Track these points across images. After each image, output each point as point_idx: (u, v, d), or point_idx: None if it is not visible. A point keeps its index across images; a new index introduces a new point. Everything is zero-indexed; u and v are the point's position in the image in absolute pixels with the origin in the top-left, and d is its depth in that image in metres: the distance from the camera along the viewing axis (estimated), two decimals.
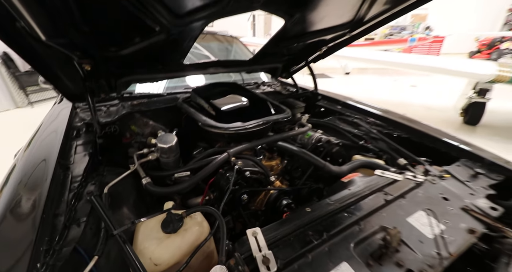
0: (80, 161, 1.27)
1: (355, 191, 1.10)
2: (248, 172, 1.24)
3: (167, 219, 0.93)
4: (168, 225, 0.91)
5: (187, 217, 0.95)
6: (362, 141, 1.71)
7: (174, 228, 0.89)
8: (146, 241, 0.87)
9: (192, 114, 1.63)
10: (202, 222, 0.95)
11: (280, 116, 1.60)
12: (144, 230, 0.92)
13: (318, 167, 1.36)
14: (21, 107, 6.78)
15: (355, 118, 2.02)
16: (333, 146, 1.62)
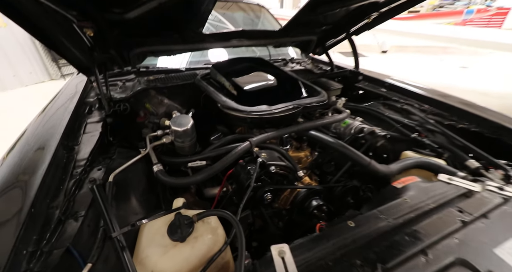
0: (88, 142, 1.14)
1: (415, 203, 0.84)
2: (273, 166, 1.03)
3: (175, 223, 0.76)
4: (175, 230, 0.74)
5: (198, 222, 0.78)
6: (415, 134, 1.38)
7: (182, 235, 0.73)
8: (149, 248, 0.72)
9: (211, 93, 1.41)
10: (216, 229, 0.78)
11: (314, 99, 1.32)
12: (148, 233, 0.77)
13: (360, 165, 1.10)
14: (54, 79, 7.09)
15: (405, 103, 1.66)
16: (378, 138, 1.32)
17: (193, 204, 1.24)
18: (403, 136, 1.44)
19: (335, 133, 1.53)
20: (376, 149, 1.32)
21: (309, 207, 1.14)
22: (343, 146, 1.15)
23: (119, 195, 0.94)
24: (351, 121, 1.55)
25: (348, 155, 1.11)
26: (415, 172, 1.18)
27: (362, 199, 1.48)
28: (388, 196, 0.94)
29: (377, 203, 0.93)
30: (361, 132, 1.36)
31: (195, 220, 0.76)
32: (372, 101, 1.86)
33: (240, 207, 0.86)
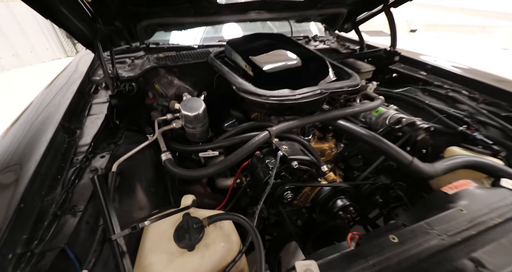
0: (91, 125, 1.04)
1: (474, 216, 0.68)
2: (295, 162, 0.89)
3: (183, 226, 0.66)
4: (183, 235, 0.64)
5: (209, 226, 0.66)
6: (463, 127, 1.17)
7: (191, 242, 0.62)
8: (153, 254, 0.62)
9: (225, 74, 1.25)
10: (230, 235, 0.67)
11: (345, 83, 1.13)
12: (153, 235, 0.67)
13: (399, 163, 0.93)
14: (70, 56, 7.10)
15: (451, 90, 1.41)
16: (419, 131, 1.13)
17: (204, 196, 1.14)
18: (448, 128, 1.23)
19: (364, 123, 1.34)
20: (415, 143, 1.13)
21: (334, 207, 1.01)
22: (378, 139, 0.97)
23: (124, 186, 0.84)
24: (384, 109, 1.34)
25: (385, 151, 0.94)
26: (462, 173, 0.99)
27: (391, 198, 1.32)
28: (436, 204, 0.78)
29: (423, 212, 0.78)
30: (398, 123, 1.17)
31: (205, 224, 0.65)
32: (409, 86, 1.62)
33: (257, 211, 0.74)
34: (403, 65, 1.81)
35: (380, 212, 1.32)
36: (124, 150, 0.98)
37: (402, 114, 1.28)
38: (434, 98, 1.46)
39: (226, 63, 1.46)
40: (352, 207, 1.03)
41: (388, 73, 1.80)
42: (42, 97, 1.18)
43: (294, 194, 0.94)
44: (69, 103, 1.03)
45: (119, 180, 0.84)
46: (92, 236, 0.65)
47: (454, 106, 1.34)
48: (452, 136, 1.22)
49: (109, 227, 0.63)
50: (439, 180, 1.03)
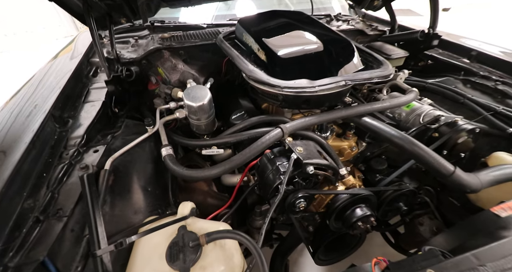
0: (86, 114, 0.95)
1: None
2: (312, 167, 0.76)
3: (177, 242, 0.57)
4: (177, 254, 0.55)
5: (207, 245, 0.57)
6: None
7: (185, 265, 0.53)
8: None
9: (234, 58, 1.10)
10: (232, 257, 0.57)
11: (375, 73, 0.95)
12: (144, 249, 0.59)
13: (436, 173, 0.78)
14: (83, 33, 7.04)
15: (500, 82, 1.19)
16: (461, 133, 0.95)
17: (207, 194, 1.05)
18: (495, 129, 1.04)
19: (392, 120, 1.17)
20: (454, 147, 0.96)
21: (352, 217, 0.89)
22: (412, 143, 0.81)
23: (118, 186, 0.75)
24: (417, 104, 1.16)
25: (421, 157, 0.79)
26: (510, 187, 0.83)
27: (416, 204, 1.19)
28: (484, 229, 0.64)
29: (465, 237, 0.65)
30: (435, 122, 0.99)
31: (203, 243, 0.55)
32: (447, 76, 1.39)
33: (264, 226, 0.63)
34: (441, 51, 1.56)
35: (402, 219, 1.19)
36: (120, 143, 0.89)
37: (439, 111, 1.09)
38: (478, 91, 1.24)
39: (236, 45, 1.30)
40: (373, 218, 0.90)
41: (422, 60, 1.57)
42: (35, 79, 1.08)
43: (308, 203, 0.82)
44: (62, 88, 0.93)
45: (112, 178, 0.75)
46: (78, 247, 0.58)
47: (504, 102, 1.13)
48: (499, 138, 1.03)
49: (94, 240, 0.55)
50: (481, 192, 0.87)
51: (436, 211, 1.15)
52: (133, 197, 0.75)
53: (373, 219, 0.90)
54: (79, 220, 0.63)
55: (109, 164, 0.75)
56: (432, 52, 1.55)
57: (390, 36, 1.61)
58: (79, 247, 0.57)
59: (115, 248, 0.53)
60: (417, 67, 1.59)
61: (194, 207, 0.67)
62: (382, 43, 1.61)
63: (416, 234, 1.14)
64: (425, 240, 1.11)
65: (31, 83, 1.05)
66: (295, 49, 1.05)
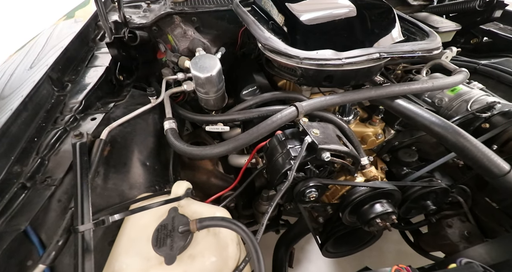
0: (89, 79, 0.89)
1: None
2: (328, 153, 0.65)
3: (166, 226, 0.50)
4: (164, 239, 0.49)
5: (199, 232, 0.50)
6: None
7: (172, 252, 0.47)
8: (127, 256, 0.49)
9: (249, 25, 0.96)
10: (226, 247, 0.50)
11: (418, 45, 0.77)
12: (132, 229, 0.54)
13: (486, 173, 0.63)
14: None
15: None
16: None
17: (211, 175, 0.99)
18: None
19: (431, 105, 0.99)
20: (508, 141, 0.79)
21: (370, 213, 0.78)
22: (458, 133, 0.66)
23: (114, 158, 0.70)
24: (465, 88, 0.96)
25: (467, 151, 0.63)
26: None
27: (446, 204, 1.04)
28: None
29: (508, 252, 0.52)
30: (488, 110, 0.81)
31: (193, 229, 0.48)
32: (506, 56, 1.15)
33: (265, 219, 0.55)
34: (502, 25, 1.29)
35: (427, 218, 1.06)
36: (121, 113, 0.83)
37: (493, 97, 0.89)
38: None
39: (254, 11, 1.15)
40: (395, 215, 0.79)
41: (476, 36, 1.31)
42: (42, 36, 1.03)
43: (320, 193, 0.72)
44: (63, 50, 0.87)
45: (108, 149, 0.70)
46: (62, 220, 0.54)
47: None
48: None
49: (78, 214, 0.50)
50: None
51: (469, 213, 1.00)
52: (129, 171, 0.70)
53: (394, 217, 0.78)
54: (68, 191, 0.59)
55: (105, 133, 0.70)
56: (490, 26, 1.28)
57: (439, 6, 1.35)
58: (63, 219, 0.53)
59: (94, 226, 0.48)
60: (469, 45, 1.34)
61: (190, 187, 0.60)
62: (428, 14, 1.36)
63: (442, 236, 1.01)
64: (452, 244, 0.98)
65: (36, 40, 1.00)
66: (321, 13, 0.89)
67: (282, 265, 1.02)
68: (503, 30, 1.24)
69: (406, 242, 1.17)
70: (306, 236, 1.53)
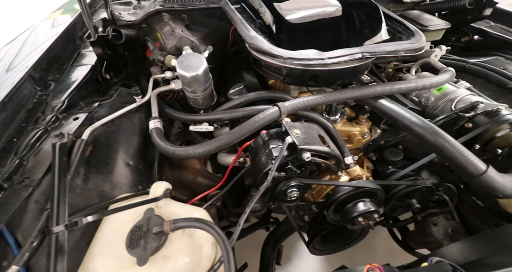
0: (73, 78, 0.89)
1: None
2: (309, 153, 0.65)
3: (141, 227, 0.51)
4: (138, 240, 0.49)
5: (174, 232, 0.51)
6: None
7: (144, 253, 0.47)
8: (101, 258, 0.50)
9: (236, 23, 0.96)
10: (200, 248, 0.51)
11: (401, 45, 0.77)
12: (109, 230, 0.54)
13: (464, 172, 0.64)
14: None
15: None
16: (503, 125, 0.77)
17: (198, 174, 1.00)
18: None
19: (417, 104, 0.99)
20: (490, 141, 0.79)
21: (353, 211, 0.79)
22: (437, 134, 0.66)
23: (95, 158, 0.70)
24: (451, 87, 0.96)
25: (446, 152, 0.64)
26: None
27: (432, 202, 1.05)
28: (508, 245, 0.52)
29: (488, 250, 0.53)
30: (472, 109, 0.81)
31: (167, 230, 0.49)
32: (495, 55, 1.14)
33: (242, 219, 0.55)
34: (493, 23, 1.28)
35: (413, 216, 1.07)
36: (106, 113, 0.83)
37: (478, 97, 0.90)
38: None
39: (243, 9, 1.14)
40: (377, 214, 0.80)
41: (467, 34, 1.30)
42: (31, 31, 1.02)
43: (301, 193, 0.73)
44: (47, 49, 0.87)
45: (90, 149, 0.70)
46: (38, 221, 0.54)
47: None
48: None
49: (53, 215, 0.51)
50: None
51: (455, 211, 1.01)
52: (111, 171, 0.70)
53: (376, 216, 0.79)
54: (46, 192, 0.59)
55: (87, 133, 0.70)
56: (481, 24, 1.27)
57: (431, 3, 1.34)
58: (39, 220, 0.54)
59: (65, 228, 0.48)
60: (460, 43, 1.33)
61: (169, 188, 0.61)
62: (420, 12, 1.35)
63: (427, 234, 1.02)
64: (437, 242, 0.99)
65: (27, 35, 0.99)
66: (308, 12, 0.88)
67: (269, 262, 1.04)
68: (494, 28, 1.24)
69: (394, 239, 1.19)
70: (297, 233, 1.55)
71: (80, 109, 0.81)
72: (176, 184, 0.99)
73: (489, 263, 0.49)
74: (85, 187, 0.62)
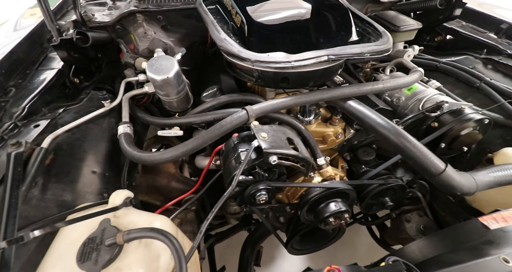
0: (36, 83, 0.85)
1: None
2: (275, 156, 0.65)
3: (95, 239, 0.50)
4: (90, 253, 0.48)
5: (130, 243, 0.50)
6: None
7: (95, 265, 0.46)
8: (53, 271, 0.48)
9: (208, 24, 0.95)
10: (157, 258, 0.50)
11: (367, 47, 0.78)
12: (63, 243, 0.53)
13: (424, 172, 0.65)
14: None
15: None
16: (466, 124, 0.79)
17: (172, 178, 0.99)
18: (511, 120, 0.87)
19: (389, 104, 1.01)
20: (455, 139, 0.81)
21: (324, 212, 0.80)
22: (399, 134, 0.67)
23: (56, 166, 0.67)
24: (421, 87, 0.98)
25: (406, 151, 0.66)
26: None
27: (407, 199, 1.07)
28: (468, 241, 0.53)
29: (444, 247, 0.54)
30: (437, 109, 0.83)
31: (119, 241, 0.48)
32: (466, 54, 1.17)
33: (206, 223, 0.55)
34: (465, 23, 1.31)
35: (389, 213, 1.09)
36: (71, 118, 0.80)
37: (445, 96, 0.92)
38: (500, 73, 1.04)
39: (217, 10, 1.13)
40: (348, 214, 0.81)
41: (440, 34, 1.33)
42: None
43: (271, 196, 0.73)
44: (9, 52, 0.83)
45: (51, 158, 0.68)
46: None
47: None
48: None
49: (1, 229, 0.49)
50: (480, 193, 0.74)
51: (427, 208, 1.04)
52: (74, 180, 0.68)
53: (347, 216, 0.80)
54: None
55: (48, 141, 0.68)
56: (453, 24, 1.30)
57: (405, 3, 1.36)
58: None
59: (7, 244, 0.46)
60: (434, 42, 1.36)
61: (130, 196, 0.59)
62: (396, 13, 1.37)
63: (401, 230, 1.04)
64: (410, 238, 1.01)
65: None
66: (278, 15, 0.88)
67: (247, 264, 1.04)
68: (465, 28, 1.27)
69: (372, 237, 1.21)
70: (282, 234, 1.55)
71: (43, 116, 0.78)
72: (150, 189, 0.99)
73: (443, 260, 0.51)
74: (42, 197, 0.60)
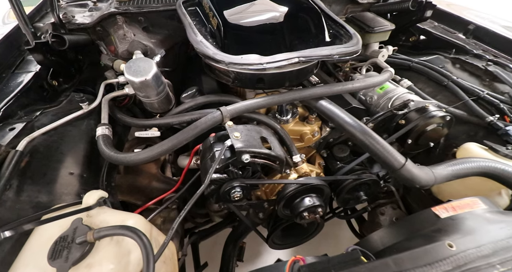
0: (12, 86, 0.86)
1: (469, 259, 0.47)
2: (247, 155, 0.68)
3: (66, 237, 0.52)
4: (61, 250, 0.50)
5: (101, 241, 0.52)
6: (494, 117, 0.87)
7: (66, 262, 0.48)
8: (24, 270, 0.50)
9: (186, 27, 0.96)
10: (128, 254, 0.52)
11: (336, 49, 0.82)
12: (36, 242, 0.54)
13: (387, 167, 0.70)
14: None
15: (493, 62, 1.04)
16: (430, 120, 0.84)
17: (153, 178, 1.00)
18: (474, 117, 0.93)
19: (362, 103, 1.05)
20: (421, 135, 0.86)
21: (299, 206, 0.84)
22: (364, 132, 0.72)
23: (32, 169, 0.68)
24: (392, 86, 1.03)
25: (370, 147, 0.70)
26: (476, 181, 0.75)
27: (382, 192, 1.12)
28: (421, 230, 0.57)
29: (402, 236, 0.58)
30: (404, 107, 0.88)
31: (90, 239, 0.50)
32: (437, 54, 1.23)
33: (178, 220, 0.57)
34: (436, 24, 1.37)
35: (365, 207, 1.14)
36: (48, 121, 0.81)
37: (413, 95, 0.97)
38: (466, 72, 1.10)
39: (196, 13, 1.14)
40: (322, 208, 0.85)
41: (414, 34, 1.38)
42: None
43: (245, 193, 0.76)
44: None
45: (26, 160, 0.69)
46: None
47: (492, 86, 0.99)
48: (476, 127, 0.93)
49: None
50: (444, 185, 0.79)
51: (400, 201, 1.09)
52: (50, 181, 0.69)
53: (320, 210, 0.84)
54: None
55: (23, 144, 0.69)
56: (426, 25, 1.36)
57: (381, 5, 1.41)
58: None
59: None
60: (408, 42, 1.42)
61: (104, 196, 0.61)
62: (374, 15, 1.41)
63: (376, 223, 1.09)
64: None
65: None
66: (253, 18, 0.91)
67: (229, 260, 1.07)
68: (436, 28, 1.33)
69: (350, 230, 1.26)
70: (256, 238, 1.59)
71: (19, 119, 0.78)
72: (131, 189, 1.00)
73: (399, 247, 0.55)
74: (17, 199, 0.62)
